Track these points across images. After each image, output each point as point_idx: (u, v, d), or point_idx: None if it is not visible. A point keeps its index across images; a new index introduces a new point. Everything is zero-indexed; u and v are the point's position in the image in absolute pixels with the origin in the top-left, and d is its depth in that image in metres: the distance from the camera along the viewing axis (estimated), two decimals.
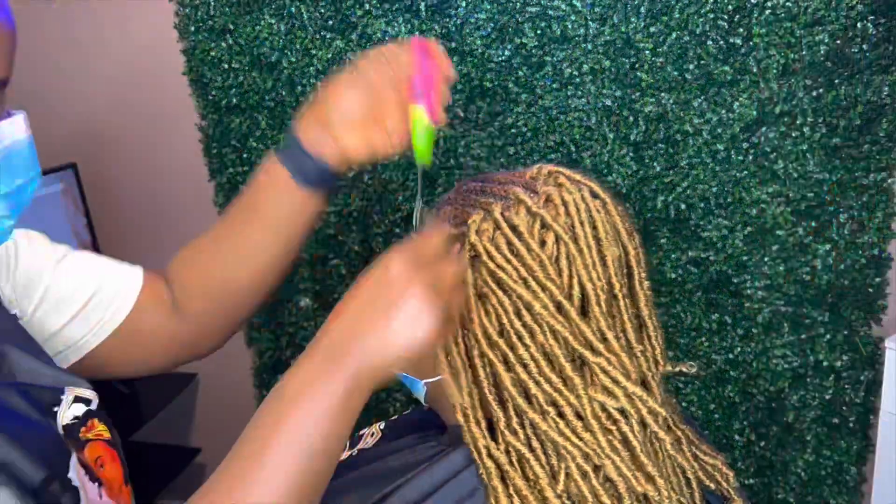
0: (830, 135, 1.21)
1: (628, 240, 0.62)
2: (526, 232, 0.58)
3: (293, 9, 1.40)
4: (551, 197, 0.60)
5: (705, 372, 1.42)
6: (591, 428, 0.55)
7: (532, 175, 0.64)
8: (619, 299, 0.59)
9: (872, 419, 1.33)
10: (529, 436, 0.57)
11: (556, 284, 0.57)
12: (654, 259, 1.37)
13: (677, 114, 1.27)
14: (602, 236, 0.59)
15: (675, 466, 0.61)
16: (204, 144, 1.58)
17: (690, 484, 0.62)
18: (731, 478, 0.65)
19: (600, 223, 0.60)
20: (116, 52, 1.60)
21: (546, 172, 0.63)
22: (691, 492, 0.62)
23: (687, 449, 0.63)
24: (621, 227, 0.62)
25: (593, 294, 0.58)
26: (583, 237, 0.58)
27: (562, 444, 0.55)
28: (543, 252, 0.57)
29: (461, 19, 1.32)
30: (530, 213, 0.59)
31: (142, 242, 1.76)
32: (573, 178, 0.62)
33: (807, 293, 1.30)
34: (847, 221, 1.25)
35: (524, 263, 0.57)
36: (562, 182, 0.61)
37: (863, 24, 1.14)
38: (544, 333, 0.56)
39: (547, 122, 1.34)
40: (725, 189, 1.29)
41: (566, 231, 0.58)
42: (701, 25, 1.21)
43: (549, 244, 0.58)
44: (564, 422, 0.56)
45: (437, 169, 1.44)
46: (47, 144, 1.75)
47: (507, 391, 0.57)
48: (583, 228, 0.59)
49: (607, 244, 0.59)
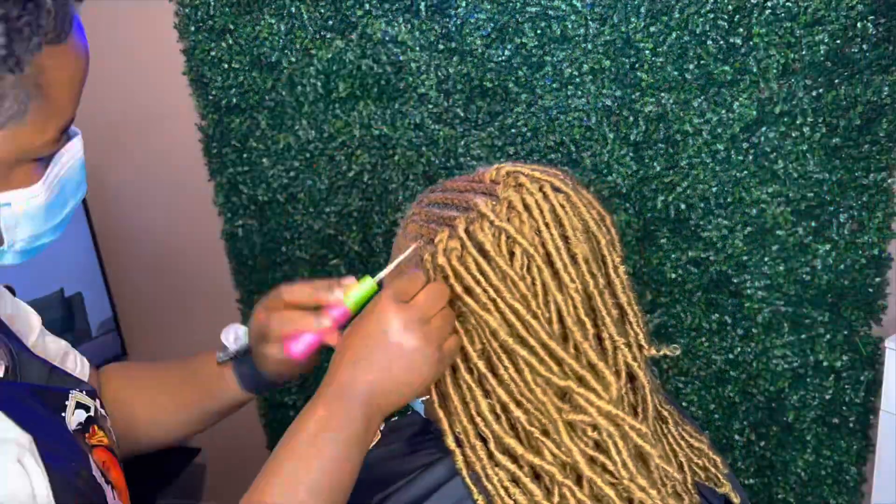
0: (830, 135, 1.21)
1: (598, 229, 0.60)
2: (492, 249, 0.57)
3: (293, 9, 1.40)
4: (513, 203, 0.58)
5: (705, 372, 1.42)
6: (568, 447, 0.55)
7: (492, 177, 0.62)
8: (596, 297, 0.58)
9: (872, 419, 1.33)
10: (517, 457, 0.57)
11: (525, 304, 0.56)
12: (654, 259, 1.37)
13: (677, 114, 1.27)
14: (570, 234, 0.58)
15: (669, 452, 0.61)
16: (204, 144, 1.58)
17: (683, 467, 0.62)
18: (719, 462, 0.65)
19: (566, 220, 0.59)
20: (116, 52, 1.60)
21: (505, 174, 0.62)
22: (684, 475, 0.62)
23: (674, 430, 0.63)
24: (589, 217, 0.60)
25: (564, 306, 0.57)
26: (550, 240, 0.57)
27: (539, 465, 0.55)
28: (512, 267, 0.57)
29: (461, 19, 1.32)
30: (494, 228, 0.58)
31: (142, 242, 1.76)
32: (533, 176, 0.61)
33: (807, 293, 1.30)
34: (847, 221, 1.25)
35: (491, 284, 0.57)
36: (522, 182, 0.60)
37: (863, 24, 1.14)
38: (514, 360, 0.57)
39: (547, 122, 1.34)
40: (725, 189, 1.29)
41: (531, 242, 0.57)
42: (701, 25, 1.21)
43: (517, 254, 0.58)
44: (549, 440, 0.56)
45: (436, 169, 1.44)
46: None
47: (481, 415, 0.57)
48: (549, 231, 0.58)
49: (576, 242, 0.58)
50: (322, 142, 1.49)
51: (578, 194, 0.61)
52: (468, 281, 0.58)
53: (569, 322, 0.57)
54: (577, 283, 0.57)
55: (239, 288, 1.69)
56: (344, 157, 1.49)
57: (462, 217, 0.59)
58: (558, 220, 0.58)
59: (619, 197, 1.35)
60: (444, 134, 1.40)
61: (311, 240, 1.58)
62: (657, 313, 1.41)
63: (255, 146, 1.54)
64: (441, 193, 0.64)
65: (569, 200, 0.59)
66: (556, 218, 0.58)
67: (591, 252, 0.59)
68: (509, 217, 0.58)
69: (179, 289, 1.78)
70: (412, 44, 1.36)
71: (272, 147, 1.52)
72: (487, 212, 0.58)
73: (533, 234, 0.57)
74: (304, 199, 1.54)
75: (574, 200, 0.60)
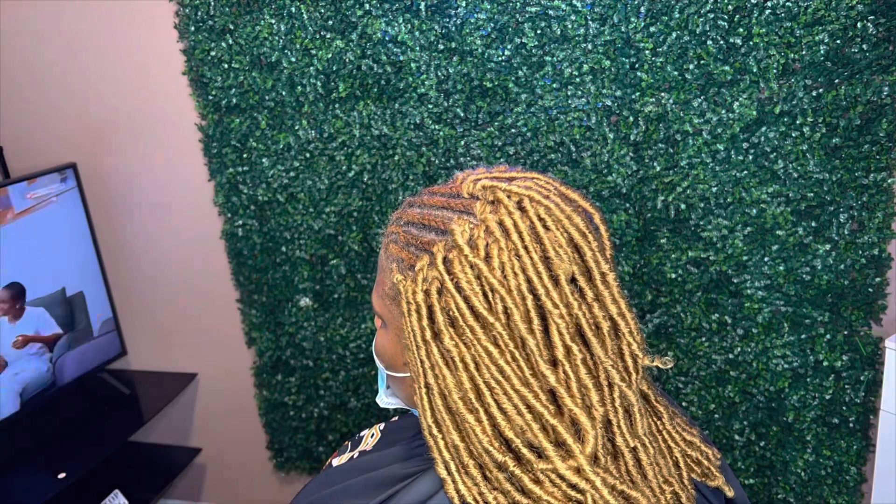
0: (830, 135, 1.21)
1: (582, 239, 0.57)
2: (467, 287, 0.56)
3: (293, 9, 1.40)
4: (490, 228, 0.56)
5: (705, 372, 1.42)
6: (538, 495, 0.55)
7: (469, 190, 0.60)
8: (581, 318, 0.56)
9: (872, 419, 1.33)
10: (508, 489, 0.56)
11: (503, 341, 0.55)
12: (654, 259, 1.37)
13: (677, 114, 1.27)
14: (552, 254, 0.56)
15: (664, 448, 0.61)
16: (204, 144, 1.58)
17: (679, 464, 0.62)
18: (713, 455, 0.64)
19: (547, 238, 0.56)
20: (116, 52, 1.60)
21: (481, 188, 0.59)
22: (679, 472, 0.61)
23: (669, 425, 0.62)
24: (572, 228, 0.57)
25: (534, 348, 0.55)
26: (530, 265, 0.55)
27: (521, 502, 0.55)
28: (492, 303, 0.55)
29: (461, 19, 1.32)
30: (469, 262, 0.56)
31: (141, 242, 1.76)
32: (510, 190, 0.58)
33: (807, 293, 1.30)
34: (847, 221, 1.25)
35: (467, 324, 0.56)
36: (499, 199, 0.58)
37: (863, 24, 1.14)
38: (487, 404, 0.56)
39: (547, 122, 1.34)
40: (725, 189, 1.29)
41: (502, 283, 0.55)
42: (701, 25, 1.21)
43: (496, 286, 0.56)
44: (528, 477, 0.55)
45: (436, 169, 1.44)
46: (47, 144, 1.76)
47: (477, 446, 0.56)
48: (528, 255, 0.55)
49: (557, 263, 0.56)
50: (322, 142, 1.49)
51: (561, 201, 0.58)
52: (440, 325, 0.57)
53: (541, 366, 0.55)
54: (560, 308, 0.55)
55: (239, 288, 1.69)
56: (344, 157, 1.49)
57: (440, 243, 0.58)
58: (538, 238, 0.56)
59: (619, 197, 1.35)
60: (444, 134, 1.40)
61: (311, 240, 1.58)
62: (657, 313, 1.41)
63: (255, 146, 1.54)
64: (419, 210, 0.63)
65: (550, 214, 0.57)
66: (536, 237, 0.56)
67: (576, 266, 0.57)
68: (487, 243, 0.56)
69: (179, 288, 1.78)
70: (412, 44, 1.36)
71: (272, 147, 1.52)
72: (463, 244, 0.57)
73: (513, 259, 0.56)
74: (304, 199, 1.54)
75: (555, 213, 0.57)
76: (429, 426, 0.59)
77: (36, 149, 1.75)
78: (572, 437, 0.55)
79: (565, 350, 0.55)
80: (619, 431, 0.57)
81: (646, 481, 0.57)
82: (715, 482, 0.63)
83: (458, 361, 0.57)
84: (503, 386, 0.55)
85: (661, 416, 0.63)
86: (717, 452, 0.65)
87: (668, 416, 0.63)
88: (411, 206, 0.64)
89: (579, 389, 0.55)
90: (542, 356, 0.55)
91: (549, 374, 0.55)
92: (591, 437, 0.55)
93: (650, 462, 0.58)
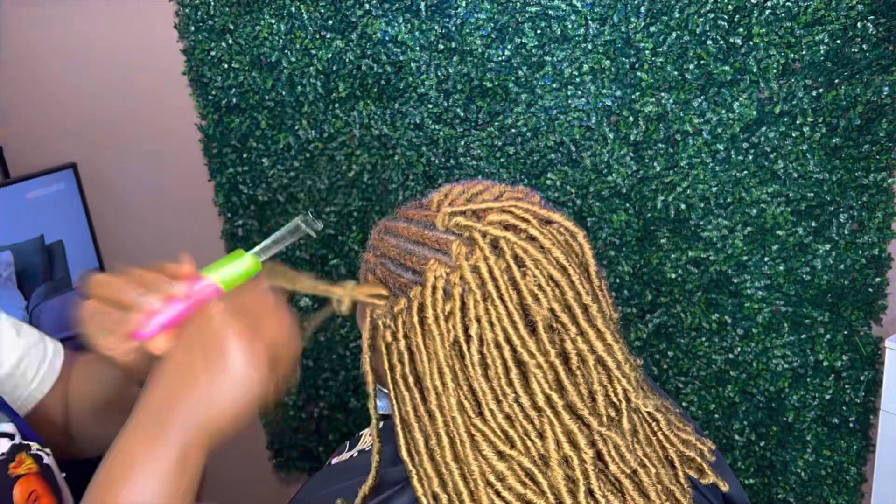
0: (830, 135, 1.21)
1: (562, 275, 0.55)
2: (438, 340, 0.55)
3: (293, 9, 1.40)
4: (465, 276, 0.55)
5: (705, 372, 1.42)
6: None
7: (444, 224, 0.58)
8: (558, 366, 0.54)
9: (872, 419, 1.33)
10: None
11: (479, 397, 0.55)
12: (654, 259, 1.37)
13: (677, 114, 1.27)
14: (528, 301, 0.54)
15: (659, 449, 0.60)
16: (204, 144, 1.58)
17: (674, 463, 0.61)
18: (707, 452, 0.63)
19: (524, 286, 0.54)
20: (116, 52, 1.60)
21: (454, 225, 0.58)
22: (675, 471, 0.60)
23: (665, 427, 0.61)
24: (551, 267, 0.55)
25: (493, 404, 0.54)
26: (505, 316, 0.54)
27: None
28: (469, 351, 0.55)
29: (461, 19, 1.32)
30: (444, 315, 0.55)
31: (142, 242, 1.76)
32: (486, 232, 0.56)
33: (807, 293, 1.30)
34: (847, 221, 1.25)
35: (440, 371, 0.55)
36: (475, 238, 0.56)
37: (863, 24, 1.14)
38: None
39: (547, 122, 1.34)
40: (725, 189, 1.29)
41: (478, 335, 0.54)
42: (701, 25, 1.21)
43: (474, 337, 0.55)
44: None
45: (436, 169, 1.44)
46: (47, 144, 1.76)
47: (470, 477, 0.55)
48: (503, 304, 0.54)
49: (535, 309, 0.54)
50: (322, 142, 1.49)
51: (540, 233, 0.56)
52: (417, 374, 0.57)
53: (539, 399, 0.54)
54: (537, 357, 0.54)
55: None
56: (344, 157, 1.49)
57: (417, 289, 0.57)
58: (515, 284, 0.54)
59: (619, 197, 1.35)
60: (444, 134, 1.40)
61: (311, 240, 1.58)
62: (657, 313, 1.41)
63: (255, 146, 1.54)
64: (394, 242, 0.62)
65: (527, 253, 0.55)
66: (512, 282, 0.54)
67: (557, 303, 0.55)
68: (463, 291, 0.55)
69: None
70: (412, 44, 1.36)
71: (272, 147, 1.52)
72: (439, 296, 0.56)
73: (489, 309, 0.54)
74: (304, 199, 1.54)
75: (532, 253, 0.55)
76: (404, 453, 0.58)
77: (36, 149, 1.75)
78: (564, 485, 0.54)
79: (545, 398, 0.54)
80: (611, 460, 0.56)
81: (649, 502, 0.57)
82: (706, 480, 0.62)
83: (436, 410, 0.56)
84: (476, 440, 0.54)
85: (657, 420, 0.62)
86: (711, 446, 0.64)
87: (665, 420, 0.62)
88: (387, 234, 0.64)
89: (564, 433, 0.54)
90: (525, 405, 0.54)
91: (530, 429, 0.54)
92: (581, 484, 0.54)
93: (652, 483, 0.57)
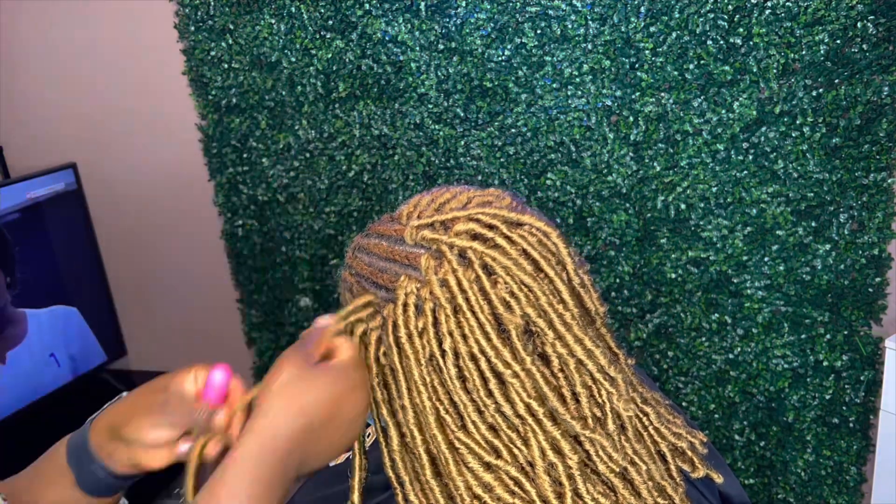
0: (830, 135, 1.21)
1: (533, 281, 0.55)
2: (412, 358, 0.55)
3: (293, 9, 1.40)
4: (433, 289, 0.55)
5: (705, 372, 1.42)
6: None
7: (413, 238, 0.59)
8: (535, 373, 0.54)
9: (872, 419, 1.33)
10: None
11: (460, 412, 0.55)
12: (654, 259, 1.37)
13: (677, 114, 1.27)
14: (500, 310, 0.54)
15: (650, 444, 0.60)
16: (204, 144, 1.58)
17: (665, 458, 0.61)
18: (699, 445, 0.63)
19: (494, 295, 0.54)
20: (116, 51, 1.60)
21: (421, 238, 0.58)
22: (667, 466, 0.60)
23: (656, 421, 0.61)
24: (521, 273, 0.55)
25: (475, 416, 0.54)
26: (477, 327, 0.54)
27: None
28: (445, 367, 0.55)
29: (461, 19, 1.32)
30: (417, 332, 0.56)
31: (142, 242, 1.76)
32: (453, 244, 0.56)
33: (807, 293, 1.30)
34: (847, 221, 1.25)
35: (417, 390, 0.56)
36: (442, 251, 0.56)
37: (863, 24, 1.14)
38: None
39: (547, 122, 1.34)
40: (725, 189, 1.29)
41: (452, 350, 0.54)
42: (701, 25, 1.21)
43: (448, 354, 0.55)
44: None
45: (437, 169, 1.44)
46: (47, 144, 1.76)
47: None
48: (475, 316, 0.54)
49: (508, 317, 0.54)
50: (322, 142, 1.49)
51: (507, 241, 0.56)
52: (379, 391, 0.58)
53: (520, 408, 0.54)
54: (513, 366, 0.53)
55: (239, 288, 1.69)
56: (344, 157, 1.49)
57: (389, 307, 0.58)
58: (486, 294, 0.54)
59: (619, 197, 1.35)
60: (444, 134, 1.40)
61: (311, 240, 1.58)
62: (657, 313, 1.41)
63: (255, 146, 1.54)
64: (367, 259, 0.63)
65: (496, 261, 0.55)
66: (483, 293, 0.54)
67: (531, 308, 0.54)
68: (434, 306, 0.55)
69: (179, 289, 1.78)
70: (412, 44, 1.36)
71: (272, 147, 1.52)
72: (410, 312, 0.56)
73: (461, 321, 0.54)
74: (304, 199, 1.54)
75: (501, 260, 0.55)
76: (389, 472, 0.58)
77: (36, 149, 1.75)
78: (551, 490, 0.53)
79: (525, 406, 0.54)
80: (599, 461, 0.56)
81: (640, 499, 0.56)
82: (698, 473, 0.62)
83: (415, 429, 0.56)
84: (461, 453, 0.55)
85: (648, 414, 0.62)
86: (703, 438, 0.64)
87: (655, 413, 0.62)
88: (360, 252, 0.64)
89: (548, 440, 0.54)
90: (508, 414, 0.54)
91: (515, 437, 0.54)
92: (568, 489, 0.53)
93: (643, 480, 0.57)
